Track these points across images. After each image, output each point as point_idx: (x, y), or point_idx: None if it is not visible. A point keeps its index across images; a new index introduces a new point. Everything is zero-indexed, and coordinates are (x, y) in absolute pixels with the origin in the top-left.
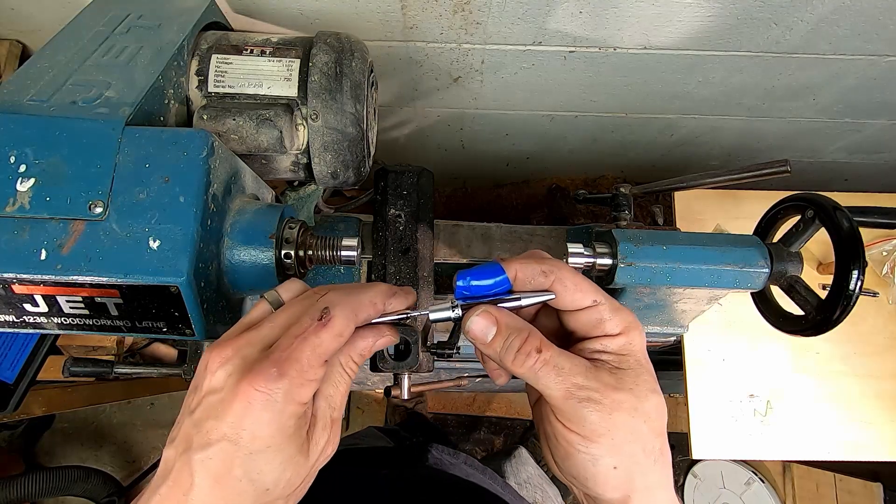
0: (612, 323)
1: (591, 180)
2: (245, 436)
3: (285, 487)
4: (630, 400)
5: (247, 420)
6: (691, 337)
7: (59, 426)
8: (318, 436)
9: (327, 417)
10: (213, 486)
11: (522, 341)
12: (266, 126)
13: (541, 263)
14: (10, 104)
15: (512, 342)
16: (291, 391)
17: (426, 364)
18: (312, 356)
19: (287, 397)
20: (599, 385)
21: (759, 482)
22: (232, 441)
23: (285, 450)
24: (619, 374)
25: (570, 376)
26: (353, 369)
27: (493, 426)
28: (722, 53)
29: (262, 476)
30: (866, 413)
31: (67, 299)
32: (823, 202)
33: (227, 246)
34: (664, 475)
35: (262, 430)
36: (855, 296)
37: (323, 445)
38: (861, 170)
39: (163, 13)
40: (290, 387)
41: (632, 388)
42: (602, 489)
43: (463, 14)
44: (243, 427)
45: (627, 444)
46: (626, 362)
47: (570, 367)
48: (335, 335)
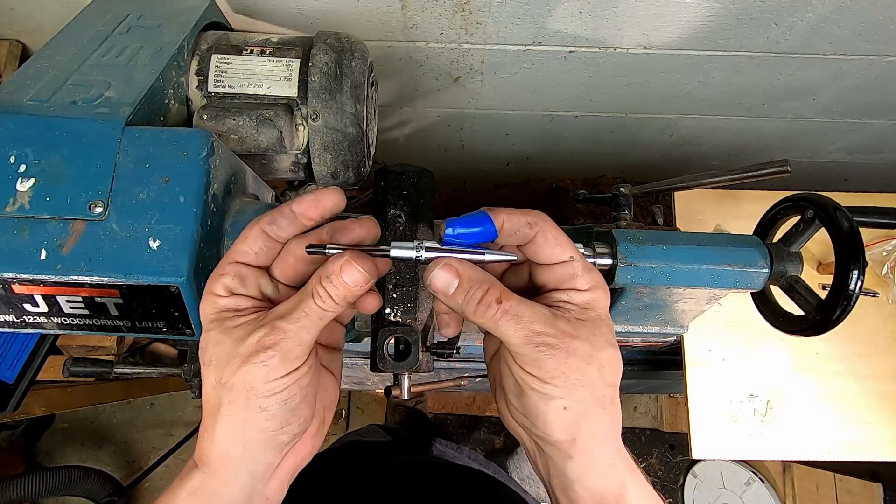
0: (582, 279)
1: (591, 180)
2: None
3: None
4: (585, 347)
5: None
6: (691, 337)
7: (59, 426)
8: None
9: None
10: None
11: (483, 293)
12: (266, 126)
13: (526, 215)
14: (10, 104)
15: (473, 294)
16: (209, 285)
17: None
18: (224, 258)
19: (206, 291)
20: (557, 332)
21: (759, 482)
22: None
23: (212, 332)
24: (577, 325)
25: (530, 323)
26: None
27: (493, 426)
28: (722, 53)
29: (203, 353)
30: (866, 413)
31: (67, 299)
32: (823, 202)
33: (227, 246)
34: (612, 426)
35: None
36: (855, 296)
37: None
38: (861, 170)
39: (163, 13)
40: (209, 283)
41: (588, 338)
42: (550, 429)
43: (463, 14)
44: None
45: (579, 387)
46: (587, 315)
47: (529, 315)
48: (239, 238)
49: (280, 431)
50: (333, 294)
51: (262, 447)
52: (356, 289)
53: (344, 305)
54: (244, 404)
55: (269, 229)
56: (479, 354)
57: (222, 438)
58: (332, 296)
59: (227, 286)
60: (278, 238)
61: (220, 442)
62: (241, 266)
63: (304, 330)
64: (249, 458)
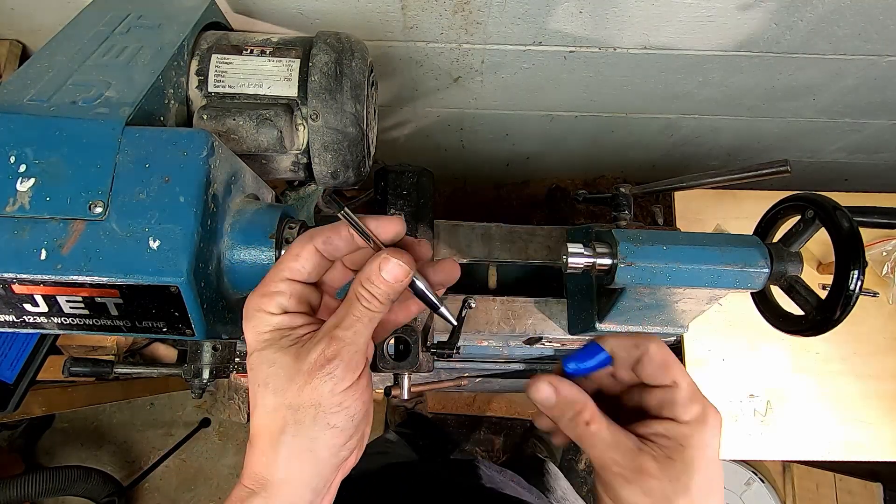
0: (684, 409)
1: (591, 180)
2: (246, 343)
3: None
4: (665, 489)
5: (245, 330)
6: (691, 337)
7: (59, 426)
8: (312, 345)
9: (326, 331)
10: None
11: (574, 413)
12: (266, 126)
13: (633, 338)
14: (10, 104)
15: (566, 412)
16: (257, 303)
17: (426, 364)
18: (271, 273)
19: (254, 307)
20: (634, 467)
21: (759, 482)
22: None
23: (266, 351)
24: (665, 463)
25: (610, 451)
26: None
27: (493, 426)
28: (722, 53)
29: (256, 372)
30: (866, 413)
31: (67, 299)
32: (823, 202)
33: (227, 246)
34: None
35: (247, 335)
36: (855, 296)
37: (317, 356)
38: (861, 170)
39: (163, 13)
40: (256, 299)
41: (673, 480)
42: None
43: (463, 14)
44: (245, 338)
45: None
46: (680, 453)
47: (612, 443)
48: (290, 255)
49: (343, 447)
50: (377, 293)
51: (327, 465)
52: (398, 284)
53: (388, 303)
54: (311, 423)
55: (324, 249)
56: (479, 354)
57: (287, 460)
58: (377, 295)
59: (281, 304)
60: (331, 257)
61: (284, 464)
62: (294, 283)
63: (359, 335)
64: (315, 476)
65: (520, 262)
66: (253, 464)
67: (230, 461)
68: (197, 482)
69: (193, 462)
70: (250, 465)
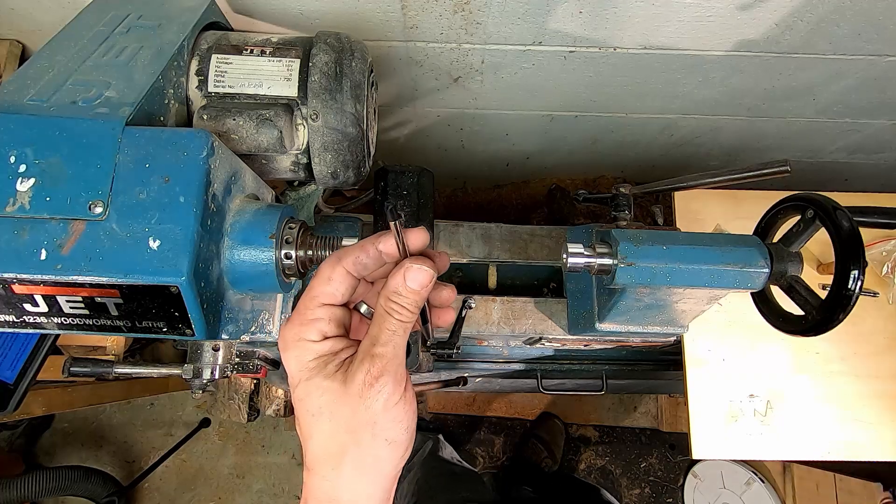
0: None
1: (591, 180)
2: (288, 377)
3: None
4: None
5: (284, 364)
6: (691, 337)
7: (59, 426)
8: (355, 367)
9: (365, 351)
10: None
11: None
12: (266, 126)
13: None
14: (10, 104)
15: None
16: (297, 332)
17: (426, 364)
18: (306, 300)
19: (294, 337)
20: None
21: (759, 482)
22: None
23: (314, 380)
24: None
25: None
26: (393, 309)
27: (493, 426)
28: (722, 53)
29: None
30: (866, 413)
31: (67, 299)
32: (823, 202)
33: (227, 246)
34: None
35: (290, 366)
36: (855, 296)
37: (363, 376)
38: (861, 170)
39: (163, 13)
40: (295, 328)
41: None
42: None
43: (463, 14)
44: (287, 371)
45: None
46: None
47: None
48: (322, 280)
49: (402, 459)
50: (406, 304)
51: (388, 478)
52: (424, 291)
53: (417, 311)
54: (371, 442)
55: (354, 269)
56: (479, 354)
57: (352, 481)
58: (406, 305)
59: (321, 331)
60: (359, 276)
61: (350, 485)
62: (331, 308)
63: (398, 348)
64: (380, 490)
65: (520, 262)
66: (315, 488)
67: (230, 461)
68: (197, 482)
69: (193, 462)
70: (313, 490)
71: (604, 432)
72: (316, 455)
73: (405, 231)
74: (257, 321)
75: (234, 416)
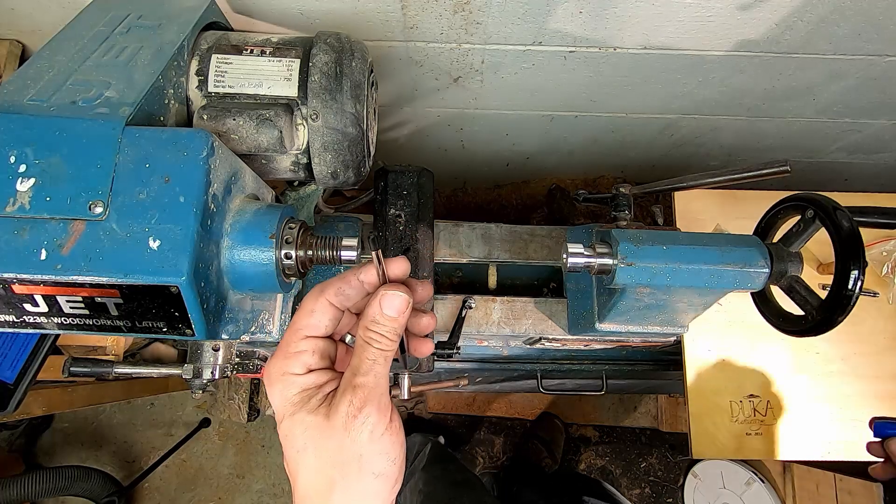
0: None
1: (591, 180)
2: (274, 412)
3: (316, 448)
4: None
5: (270, 399)
6: (691, 337)
7: (59, 426)
8: (338, 399)
9: (347, 382)
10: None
11: None
12: (266, 126)
13: None
14: (10, 104)
15: None
16: (281, 366)
17: (426, 364)
18: (289, 333)
19: (278, 371)
20: None
21: (759, 482)
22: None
23: (297, 415)
24: None
25: None
26: (372, 338)
27: (493, 426)
28: (722, 53)
29: (291, 439)
30: (867, 413)
31: (67, 299)
32: (823, 202)
33: (228, 246)
34: None
35: (274, 401)
36: (855, 296)
37: (346, 408)
38: (861, 170)
39: (163, 13)
40: (279, 362)
41: None
42: None
43: (463, 14)
44: (272, 405)
45: None
46: None
47: None
48: (305, 312)
49: (392, 491)
50: (385, 332)
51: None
52: (402, 317)
53: (398, 338)
54: (358, 476)
55: (337, 300)
56: (479, 354)
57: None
58: (385, 333)
59: (305, 363)
60: (342, 307)
61: None
62: (315, 340)
63: (380, 377)
64: None
65: (520, 262)
66: None
67: (230, 461)
68: (197, 482)
69: (193, 462)
70: None
71: (604, 432)
72: (304, 492)
73: (386, 260)
74: (257, 321)
75: (234, 416)
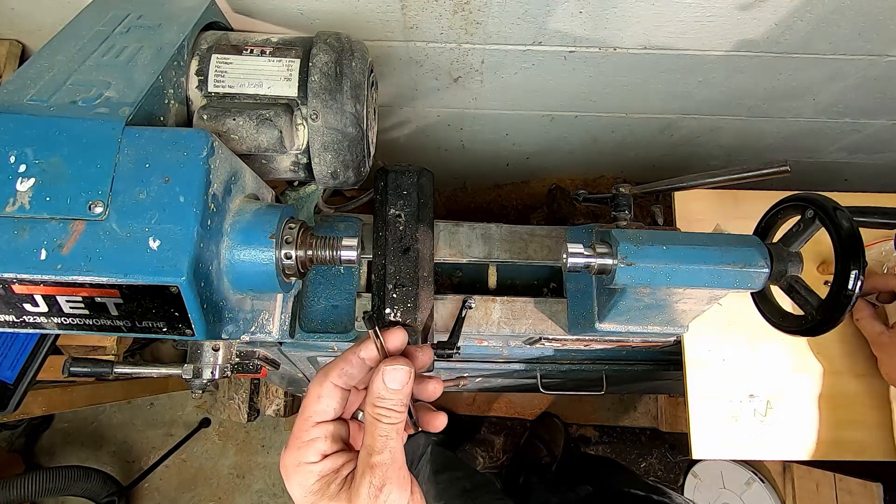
0: None
1: (591, 180)
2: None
3: None
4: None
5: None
6: (691, 337)
7: (59, 426)
8: (357, 481)
9: (364, 463)
10: None
11: None
12: (266, 126)
13: None
14: (10, 104)
15: None
16: (296, 456)
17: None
18: (300, 422)
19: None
20: None
21: (759, 482)
22: None
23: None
24: None
25: None
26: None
27: (493, 426)
28: (722, 53)
29: None
30: (866, 413)
31: (67, 299)
32: (823, 202)
33: (227, 246)
34: None
35: (294, 492)
36: (855, 296)
37: (367, 489)
38: (861, 170)
39: (163, 13)
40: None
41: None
42: None
43: (463, 14)
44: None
45: None
46: None
47: None
48: (312, 399)
49: None
50: (391, 406)
51: None
52: (406, 388)
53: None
54: None
55: (342, 381)
56: (479, 354)
57: None
58: (392, 407)
59: (319, 450)
60: (347, 387)
61: None
62: (326, 425)
63: (395, 451)
64: None
65: (520, 262)
66: None
67: (230, 461)
68: (197, 482)
69: (193, 462)
70: None
71: (604, 432)
72: None
73: (383, 333)
74: (257, 321)
75: (234, 416)
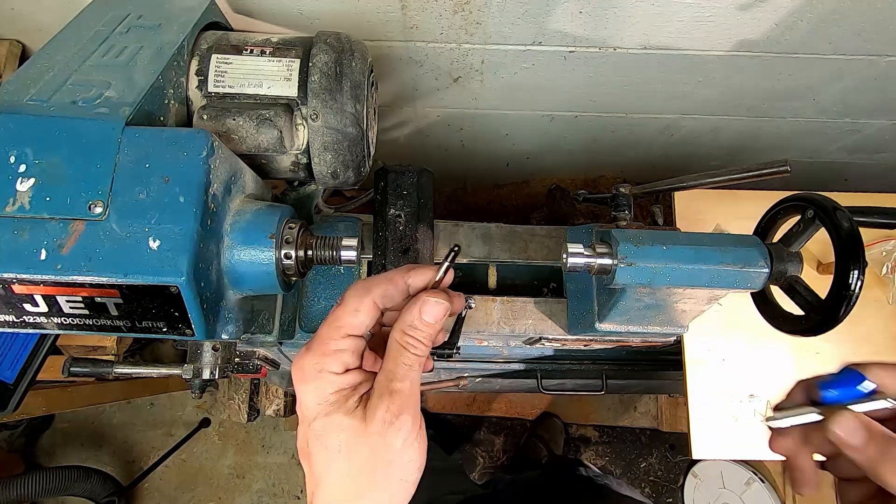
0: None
1: (591, 180)
2: (302, 408)
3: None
4: None
5: (299, 394)
6: (691, 337)
7: (59, 426)
8: (374, 403)
9: (383, 387)
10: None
11: None
12: (266, 126)
13: None
14: (10, 104)
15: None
16: (319, 362)
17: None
18: (330, 329)
19: (314, 368)
20: None
21: (759, 482)
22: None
23: (334, 416)
24: None
25: None
26: (409, 343)
27: (493, 426)
28: (722, 53)
29: (325, 439)
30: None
31: (67, 299)
32: (823, 202)
33: (227, 246)
34: None
35: (307, 398)
36: (855, 296)
37: (383, 414)
38: (861, 170)
39: (163, 13)
40: (315, 358)
41: None
42: None
43: (463, 14)
44: (300, 401)
45: None
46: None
47: None
48: (349, 311)
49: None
50: (421, 337)
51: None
52: (438, 325)
53: (431, 345)
54: (387, 482)
55: (381, 302)
56: (479, 354)
57: None
58: (421, 339)
59: (345, 363)
60: (384, 308)
61: None
62: (356, 339)
63: (415, 384)
64: None
65: (520, 262)
66: None
67: (230, 461)
68: (197, 482)
69: (193, 462)
70: None
71: (604, 432)
72: (332, 495)
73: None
74: (257, 321)
75: (234, 416)
